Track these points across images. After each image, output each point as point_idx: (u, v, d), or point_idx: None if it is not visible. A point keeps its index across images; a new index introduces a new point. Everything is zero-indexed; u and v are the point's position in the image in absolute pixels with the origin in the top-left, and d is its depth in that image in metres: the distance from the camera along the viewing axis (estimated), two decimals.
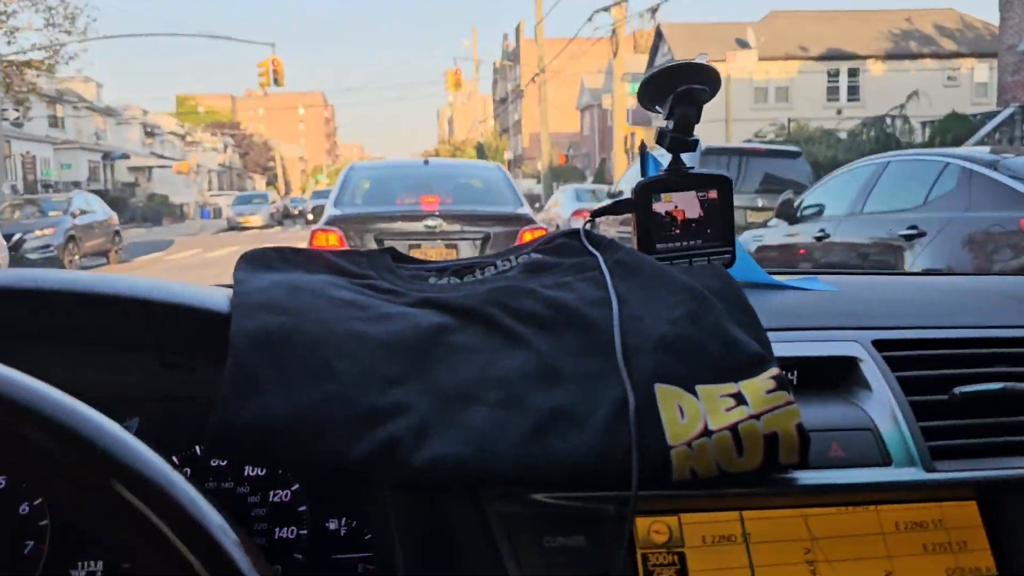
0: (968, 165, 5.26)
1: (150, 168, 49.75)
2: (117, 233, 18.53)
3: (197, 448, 0.87)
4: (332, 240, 6.19)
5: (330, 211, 6.61)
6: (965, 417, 0.82)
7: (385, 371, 0.71)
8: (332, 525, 0.85)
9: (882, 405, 0.82)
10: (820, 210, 6.64)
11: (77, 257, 16.02)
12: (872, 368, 0.85)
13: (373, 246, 5.73)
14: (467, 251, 6.26)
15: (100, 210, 18.01)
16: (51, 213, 16.41)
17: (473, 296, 0.82)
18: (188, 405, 0.83)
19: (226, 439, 0.66)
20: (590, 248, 0.91)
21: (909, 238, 5.33)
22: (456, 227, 6.31)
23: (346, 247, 6.03)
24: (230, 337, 0.71)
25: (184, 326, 0.79)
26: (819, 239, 6.36)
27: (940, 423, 0.81)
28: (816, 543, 0.74)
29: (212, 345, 0.75)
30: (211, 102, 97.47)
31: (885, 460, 0.78)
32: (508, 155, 48.27)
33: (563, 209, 17.40)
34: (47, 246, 15.34)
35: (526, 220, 6.53)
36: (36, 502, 0.82)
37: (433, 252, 6.23)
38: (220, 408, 0.67)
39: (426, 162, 8.44)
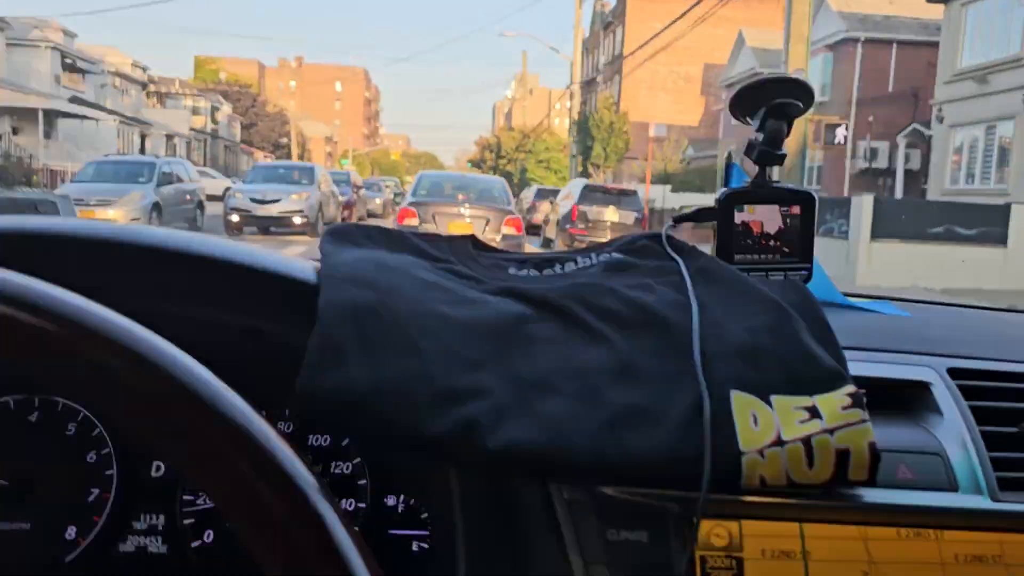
0: None
1: (51, 116, 30.17)
2: None
3: (264, 414, 0.86)
4: (410, 215, 11.22)
5: (409, 199, 11.97)
6: None
7: (466, 353, 0.72)
8: (391, 501, 0.86)
9: (952, 432, 0.81)
10: None
11: None
12: (945, 394, 0.85)
13: (431, 220, 11.07)
14: (478, 226, 10.89)
15: None
16: None
17: (554, 289, 0.83)
18: (264, 370, 0.83)
19: (308, 406, 0.68)
20: (671, 253, 0.91)
21: None
22: (474, 212, 11.26)
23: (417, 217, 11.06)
24: (318, 307, 0.73)
25: (270, 292, 0.80)
26: None
27: (1010, 454, 0.81)
28: (874, 567, 0.74)
29: (296, 314, 0.77)
30: (236, 68, 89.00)
31: (952, 486, 0.78)
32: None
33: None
34: None
35: (509, 212, 11.58)
36: (104, 450, 0.84)
37: (460, 223, 11.04)
38: (305, 375, 0.68)
39: (462, 175, 15.10)
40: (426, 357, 0.71)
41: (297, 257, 0.85)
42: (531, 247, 16.45)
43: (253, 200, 16.78)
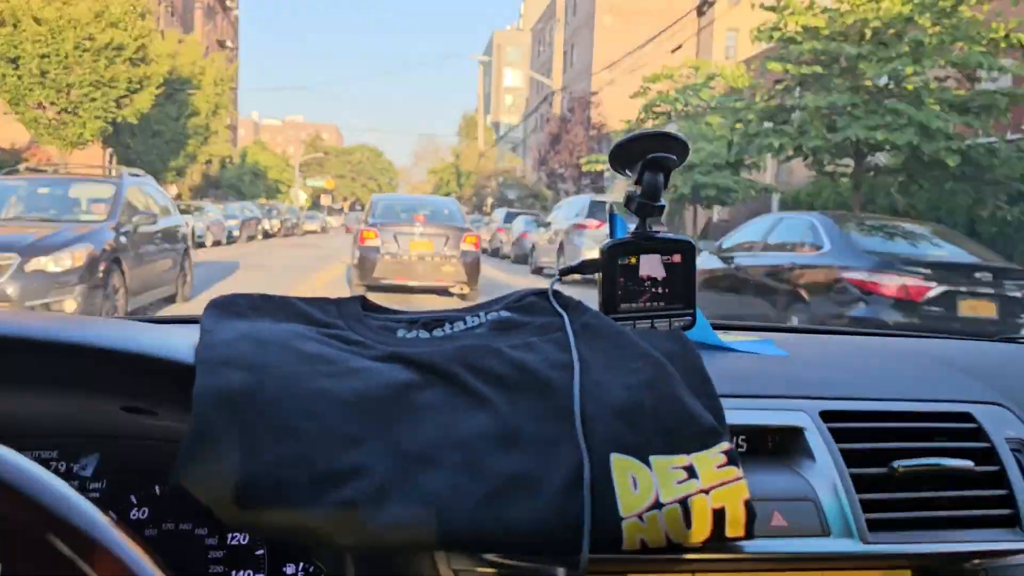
0: None
1: None
2: None
3: (156, 488, 0.88)
4: (371, 235, 11.27)
5: (370, 220, 11.78)
6: (902, 490, 0.85)
7: (347, 429, 0.72)
8: (289, 570, 0.86)
9: (824, 476, 0.84)
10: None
11: None
12: (817, 439, 0.87)
13: (392, 240, 11.16)
14: (438, 243, 11.19)
15: None
16: None
17: (439, 353, 0.82)
18: (150, 445, 0.85)
19: (182, 499, 0.67)
20: (558, 309, 0.92)
21: None
22: (433, 231, 11.42)
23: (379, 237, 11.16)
24: (193, 394, 0.72)
25: (147, 374, 0.80)
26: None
27: (878, 496, 0.84)
28: None
29: (174, 392, 0.76)
30: None
31: (824, 531, 0.81)
32: None
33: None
34: None
35: (466, 229, 11.68)
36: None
37: (421, 242, 11.26)
38: (179, 465, 0.68)
39: (416, 197, 16.90)
40: (304, 439, 0.70)
41: (178, 332, 0.85)
42: (522, 279, 15.70)
43: None
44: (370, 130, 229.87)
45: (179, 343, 0.82)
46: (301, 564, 0.86)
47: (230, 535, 0.87)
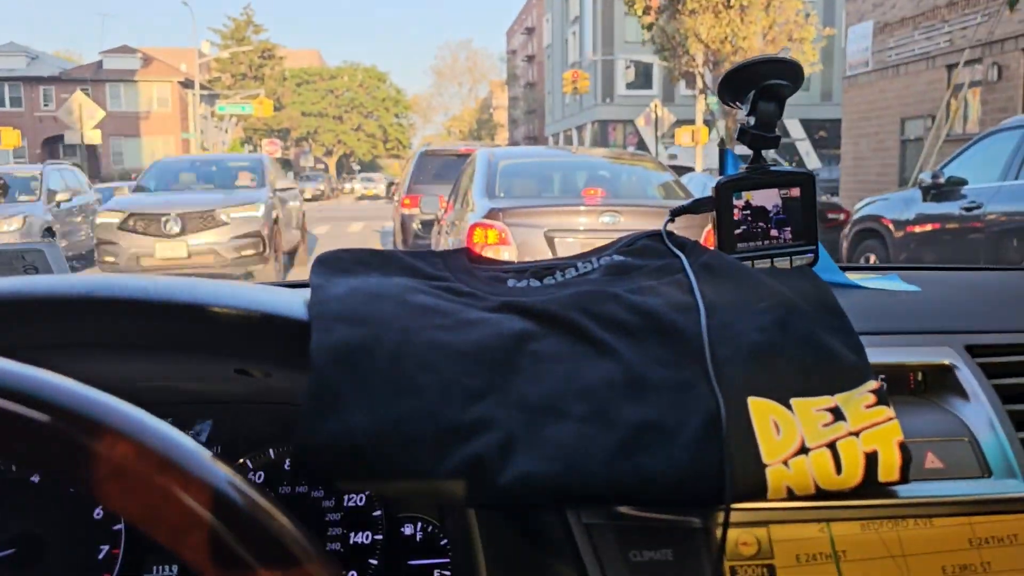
0: None
1: None
2: None
3: (271, 451, 0.86)
4: None
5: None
6: None
7: (468, 383, 0.69)
8: (408, 530, 0.84)
9: (979, 414, 0.79)
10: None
11: None
12: (967, 375, 0.82)
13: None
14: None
15: None
16: None
17: (555, 300, 0.79)
18: (263, 409, 0.83)
19: (309, 458, 0.64)
20: (674, 250, 0.88)
21: None
22: None
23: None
24: (310, 352, 0.69)
25: (260, 334, 0.77)
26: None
27: None
28: (907, 560, 0.72)
29: (288, 352, 0.74)
30: None
31: (985, 471, 0.76)
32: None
33: None
34: None
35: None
36: None
37: None
38: (301, 427, 0.65)
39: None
40: (426, 393, 0.67)
41: (288, 291, 0.82)
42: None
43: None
44: (369, 53, 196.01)
45: (291, 300, 0.79)
46: (419, 524, 0.83)
47: (347, 497, 0.84)
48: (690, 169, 18.78)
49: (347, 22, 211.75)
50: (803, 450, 0.67)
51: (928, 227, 7.29)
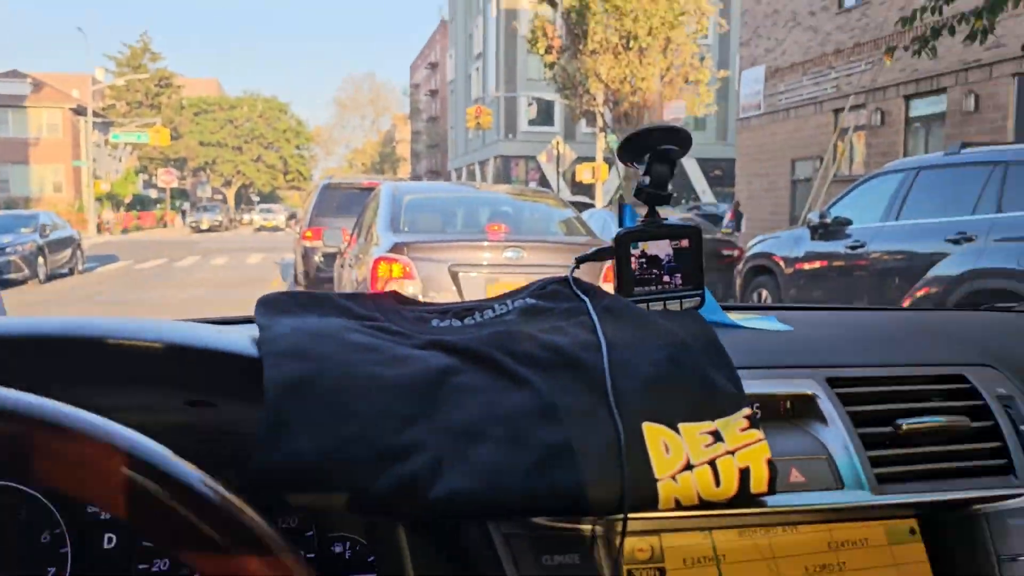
0: None
1: None
2: None
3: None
4: None
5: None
6: (906, 447, 0.94)
7: (401, 411, 0.77)
8: (338, 549, 0.90)
9: (836, 436, 0.92)
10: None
11: None
12: (826, 403, 0.95)
13: None
14: None
15: None
16: None
17: (476, 339, 0.88)
18: (210, 437, 0.87)
19: (264, 480, 0.72)
20: (580, 295, 0.98)
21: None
22: None
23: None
24: (264, 385, 0.77)
25: (211, 368, 0.84)
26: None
27: (886, 452, 0.92)
28: (777, 562, 0.86)
29: (234, 385, 0.82)
30: None
31: (838, 484, 0.89)
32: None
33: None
34: None
35: None
36: (57, 530, 0.86)
37: None
38: (259, 453, 0.73)
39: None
40: (364, 420, 0.76)
41: (234, 330, 0.90)
42: None
43: None
44: (271, 83, 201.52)
45: (237, 339, 0.87)
46: (348, 543, 0.90)
47: (280, 519, 0.90)
48: (591, 205, 19.15)
49: (247, 52, 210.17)
50: (688, 467, 0.79)
51: (816, 264, 7.56)
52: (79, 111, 43.54)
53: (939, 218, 6.25)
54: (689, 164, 42.04)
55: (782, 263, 8.04)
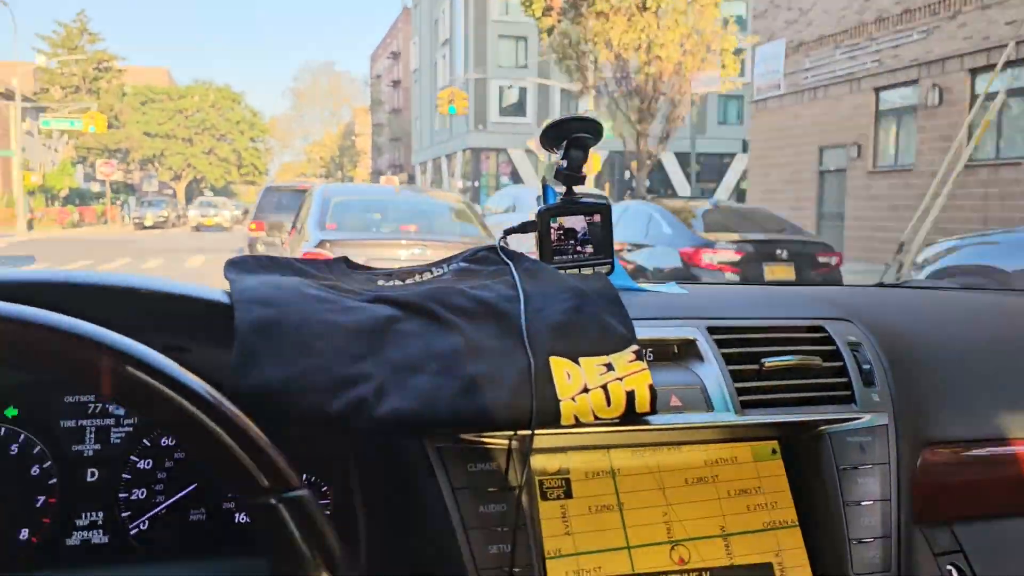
0: None
1: None
2: None
3: None
4: None
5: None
6: (769, 380, 1.12)
7: (352, 350, 0.94)
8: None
9: (710, 371, 1.11)
10: None
11: None
12: (704, 345, 1.14)
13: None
14: None
15: None
16: None
17: (416, 294, 1.04)
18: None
19: (236, 402, 0.77)
20: (505, 259, 1.16)
21: None
22: None
23: None
24: (235, 324, 0.92)
25: (187, 315, 1.00)
26: None
27: (751, 383, 1.11)
28: (662, 474, 1.05)
29: (204, 331, 0.98)
30: None
31: (709, 407, 1.07)
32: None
33: None
34: None
35: None
36: (46, 464, 1.00)
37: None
38: (230, 379, 0.86)
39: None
40: (322, 355, 0.92)
41: (206, 286, 1.04)
42: None
43: None
44: (223, 73, 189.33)
45: (209, 289, 1.03)
46: (306, 475, 0.99)
47: None
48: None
49: (199, 40, 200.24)
50: (585, 390, 0.96)
51: None
52: (8, 95, 38.96)
53: None
54: (667, 158, 39.66)
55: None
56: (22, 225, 34.06)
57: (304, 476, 0.88)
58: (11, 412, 1.00)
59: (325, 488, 1.05)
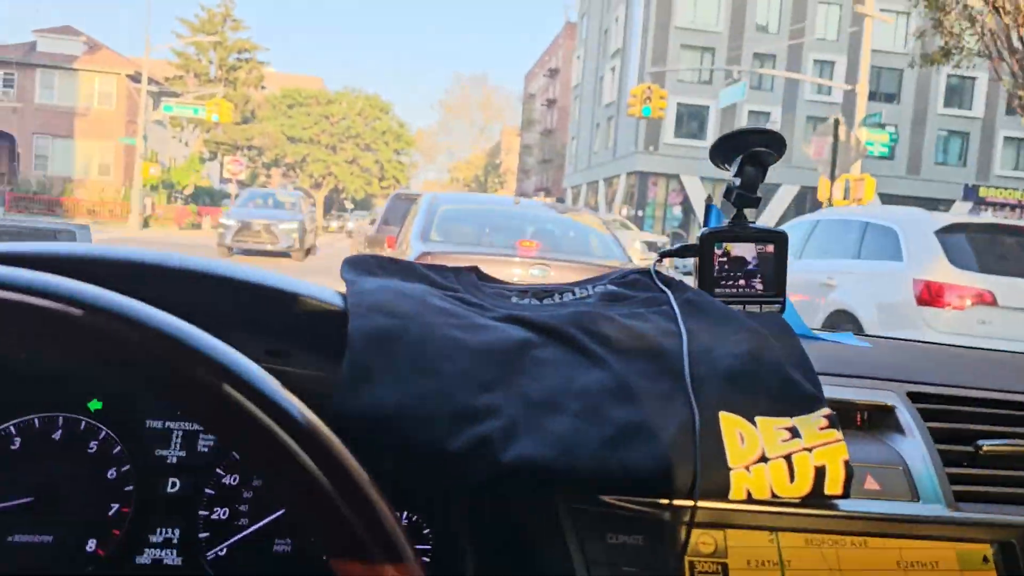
0: None
1: None
2: None
3: None
4: None
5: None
6: (987, 468, 0.91)
7: (479, 375, 0.78)
8: None
9: (914, 449, 0.90)
10: None
11: None
12: (906, 415, 0.94)
13: None
14: None
15: None
16: None
17: (556, 317, 0.89)
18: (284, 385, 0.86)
19: (340, 425, 0.69)
20: (661, 286, 0.99)
21: None
22: None
23: None
24: (348, 334, 0.79)
25: (295, 316, 0.86)
26: None
27: (964, 470, 0.90)
28: (843, 574, 0.83)
29: (311, 337, 0.85)
30: None
31: (914, 496, 0.87)
32: None
33: None
34: None
35: None
36: (124, 468, 0.88)
37: None
38: (338, 396, 0.74)
39: None
40: (444, 378, 0.77)
41: (320, 286, 0.90)
42: None
43: None
44: (374, 84, 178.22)
45: (323, 289, 0.88)
46: (405, 513, 0.90)
47: None
48: None
49: (352, 51, 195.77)
50: (763, 459, 0.78)
51: None
52: (137, 79, 35.29)
53: None
54: (690, 182, 34.59)
55: None
56: (135, 222, 30.08)
57: (403, 514, 0.76)
58: (95, 405, 0.89)
59: (427, 531, 0.90)
